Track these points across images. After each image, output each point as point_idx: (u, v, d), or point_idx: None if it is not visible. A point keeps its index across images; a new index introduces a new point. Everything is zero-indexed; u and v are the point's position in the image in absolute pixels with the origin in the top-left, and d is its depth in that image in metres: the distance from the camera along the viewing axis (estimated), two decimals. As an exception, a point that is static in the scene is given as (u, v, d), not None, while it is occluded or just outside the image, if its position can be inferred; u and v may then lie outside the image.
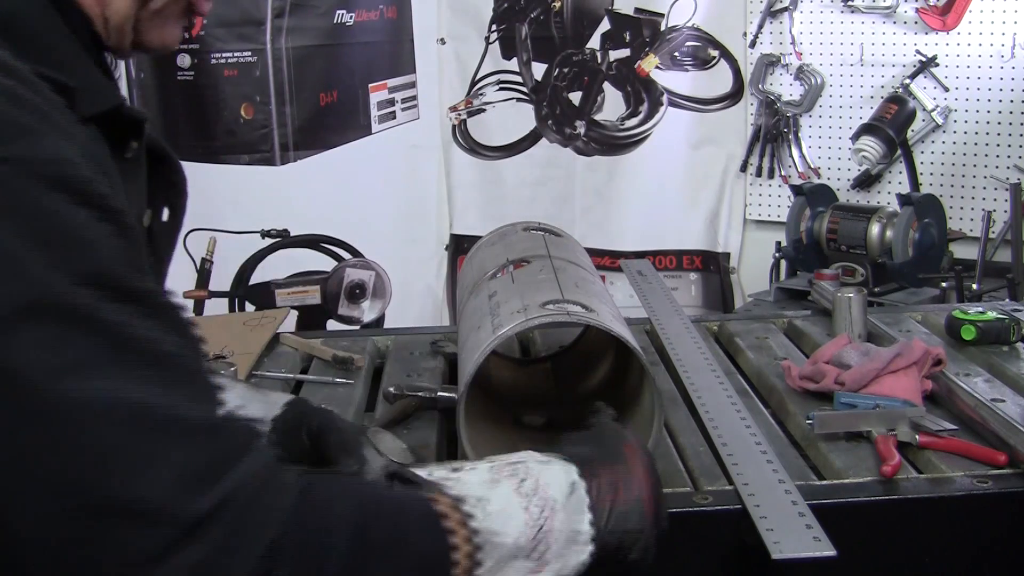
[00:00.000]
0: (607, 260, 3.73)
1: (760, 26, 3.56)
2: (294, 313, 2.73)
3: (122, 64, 3.16)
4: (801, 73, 3.53)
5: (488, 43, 3.83)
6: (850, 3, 3.41)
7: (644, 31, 3.69)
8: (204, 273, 2.97)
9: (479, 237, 1.74)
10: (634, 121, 3.76)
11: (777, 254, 3.33)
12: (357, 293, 2.87)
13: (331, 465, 1.10)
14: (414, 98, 3.83)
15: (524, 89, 3.85)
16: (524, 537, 0.89)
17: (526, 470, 0.94)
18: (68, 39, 0.87)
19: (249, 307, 2.86)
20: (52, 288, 0.69)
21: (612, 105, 3.77)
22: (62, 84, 0.81)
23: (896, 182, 3.42)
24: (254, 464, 0.75)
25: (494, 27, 3.82)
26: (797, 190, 3.28)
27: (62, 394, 0.68)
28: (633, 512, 0.98)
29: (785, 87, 3.58)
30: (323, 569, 0.76)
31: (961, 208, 3.34)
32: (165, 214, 1.03)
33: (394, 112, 3.75)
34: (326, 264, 2.99)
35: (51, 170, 0.72)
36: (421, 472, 0.95)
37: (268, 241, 3.05)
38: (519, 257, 1.47)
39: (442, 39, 3.85)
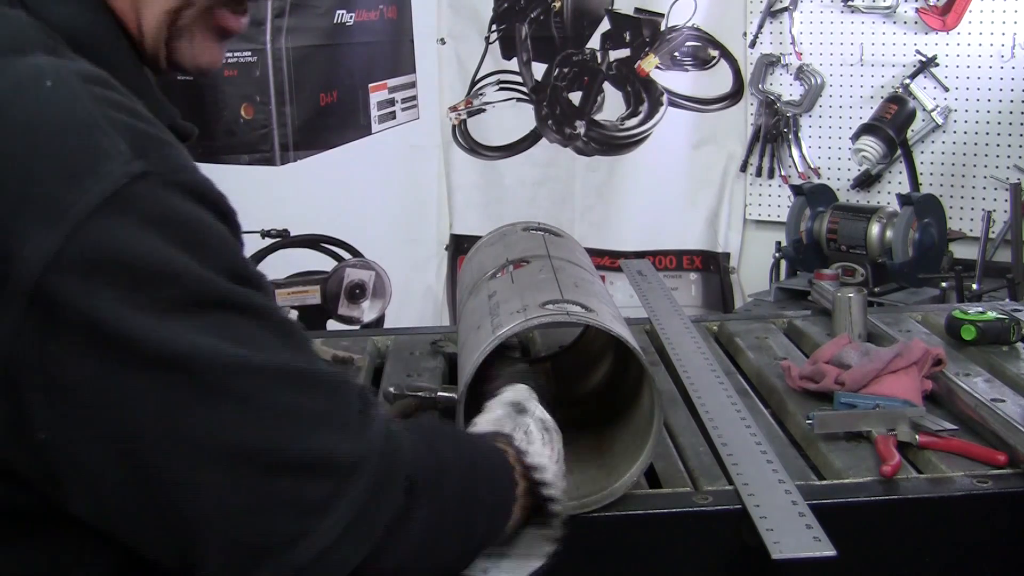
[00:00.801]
0: (607, 260, 3.73)
1: (760, 26, 3.56)
2: (294, 313, 2.72)
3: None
4: (801, 73, 3.53)
5: (488, 43, 3.83)
6: (850, 3, 3.41)
7: (644, 31, 3.69)
8: (204, 273, 2.96)
9: (479, 237, 1.73)
10: (634, 121, 3.76)
11: (777, 254, 3.33)
12: (357, 293, 2.87)
13: None
14: (414, 98, 3.82)
15: (524, 89, 3.85)
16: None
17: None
18: (130, 55, 0.90)
19: (249, 307, 2.86)
20: (207, 284, 0.76)
21: (612, 105, 3.77)
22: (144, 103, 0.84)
23: (896, 182, 3.42)
24: (376, 416, 0.83)
25: (494, 27, 3.82)
26: (797, 190, 3.28)
27: (233, 367, 0.75)
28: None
29: (785, 87, 3.58)
30: (446, 506, 0.87)
31: (961, 208, 3.34)
32: None
33: (394, 112, 3.75)
34: (326, 264, 3.00)
35: (182, 178, 0.78)
36: None
37: (268, 241, 3.05)
38: (519, 257, 1.47)
39: (442, 39, 3.85)
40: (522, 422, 1.07)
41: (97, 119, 0.76)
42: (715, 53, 3.66)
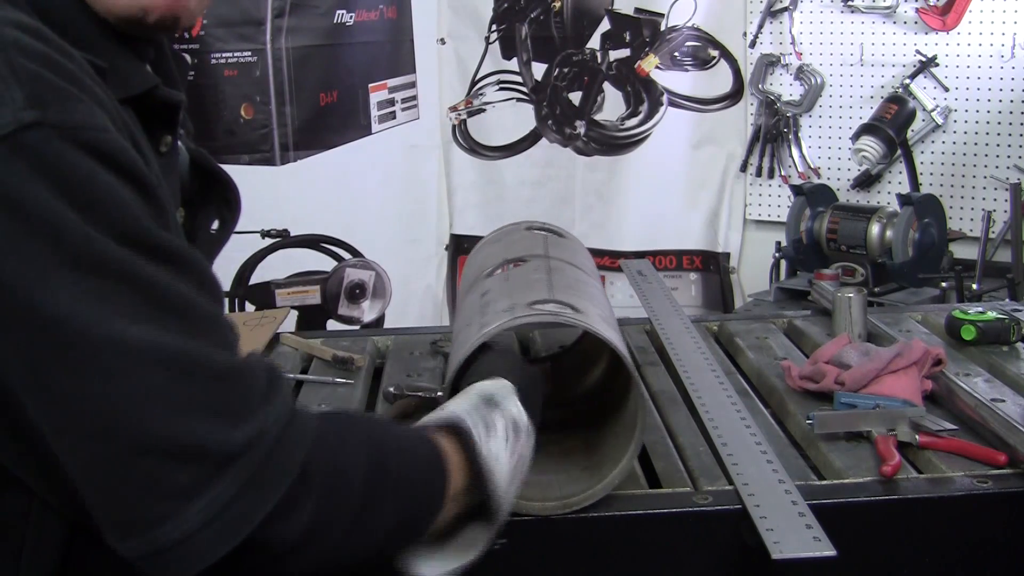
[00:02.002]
0: (607, 260, 3.73)
1: (760, 26, 3.56)
2: (294, 313, 2.73)
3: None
4: (801, 73, 3.53)
5: (488, 43, 3.83)
6: (850, 3, 3.41)
7: (644, 31, 3.69)
8: (204, 273, 2.96)
9: (479, 237, 1.73)
10: (634, 121, 3.76)
11: (777, 254, 3.33)
12: (357, 293, 2.87)
13: None
14: (414, 98, 3.82)
15: (524, 89, 3.85)
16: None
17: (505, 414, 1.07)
18: (98, 25, 0.90)
19: (249, 307, 2.86)
20: (91, 245, 0.74)
21: (612, 105, 3.77)
22: (94, 64, 0.83)
23: (896, 182, 3.42)
24: (278, 404, 0.81)
25: (494, 27, 3.82)
26: (797, 190, 3.28)
27: (105, 341, 0.73)
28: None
29: (785, 87, 3.58)
30: (343, 498, 0.84)
31: (961, 208, 3.34)
32: (215, 225, 1.10)
33: (394, 112, 3.75)
34: (326, 264, 2.99)
35: (85, 136, 0.76)
36: None
37: (268, 241, 3.04)
38: (517, 256, 1.46)
39: (442, 39, 3.85)
40: (488, 416, 1.04)
41: None
42: (715, 53, 3.66)
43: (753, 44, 3.59)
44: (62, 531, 0.85)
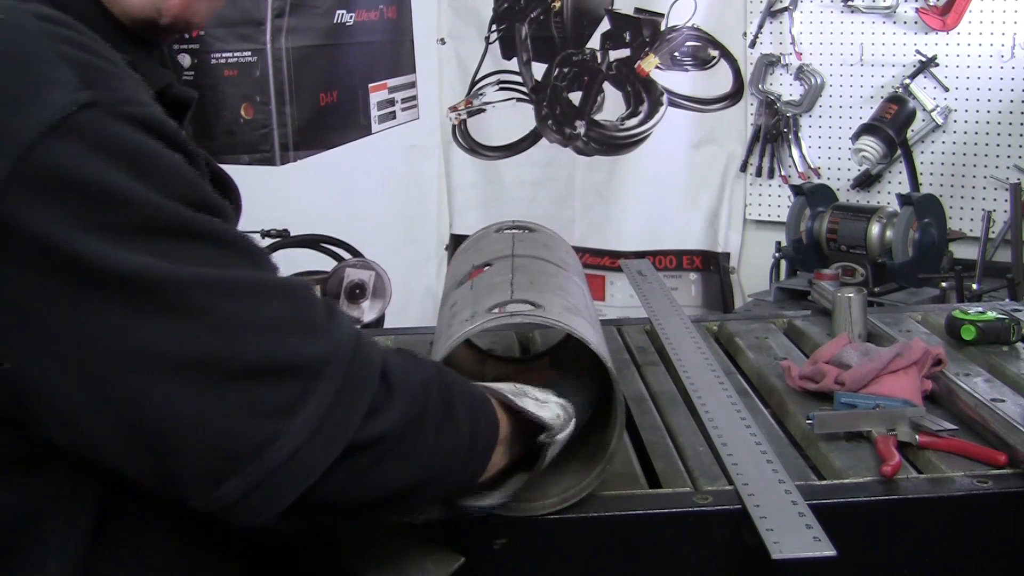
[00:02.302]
0: (607, 260, 3.73)
1: (760, 26, 3.56)
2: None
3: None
4: (801, 73, 3.53)
5: (488, 43, 3.83)
6: (850, 3, 3.41)
7: (644, 31, 3.69)
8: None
9: (479, 237, 1.73)
10: (634, 121, 3.76)
11: (777, 254, 3.33)
12: (357, 293, 2.86)
13: None
14: (414, 98, 3.83)
15: (524, 89, 3.85)
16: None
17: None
18: (115, 26, 0.93)
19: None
20: (159, 210, 0.77)
21: (612, 105, 3.77)
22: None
23: (896, 182, 3.42)
24: (343, 318, 0.86)
25: (494, 27, 3.82)
26: (797, 190, 3.28)
27: (187, 281, 0.77)
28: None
29: (785, 87, 3.58)
30: (424, 398, 0.88)
31: (961, 208, 3.34)
32: None
33: (394, 112, 3.75)
34: (326, 264, 2.99)
35: (133, 110, 0.79)
36: None
37: (268, 241, 3.05)
38: (483, 262, 1.45)
39: (442, 39, 3.85)
40: (532, 394, 1.10)
41: (46, 51, 0.78)
42: (715, 53, 3.66)
43: (753, 44, 3.59)
44: (93, 516, 0.85)
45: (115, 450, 0.80)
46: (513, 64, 3.84)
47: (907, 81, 3.33)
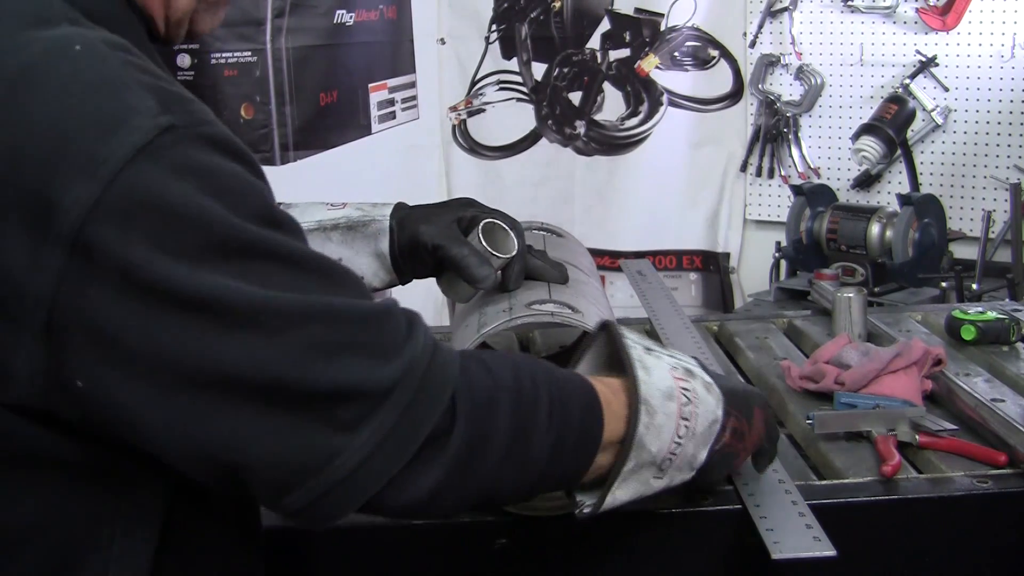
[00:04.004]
0: (607, 260, 3.73)
1: (760, 26, 3.56)
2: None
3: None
4: (801, 73, 3.53)
5: (488, 43, 3.83)
6: (850, 3, 3.41)
7: (644, 31, 3.69)
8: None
9: (479, 237, 1.73)
10: (634, 121, 3.76)
11: (777, 254, 3.33)
12: (357, 293, 2.87)
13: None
14: (414, 98, 3.82)
15: (524, 89, 3.85)
16: (662, 453, 1.01)
17: (694, 391, 1.04)
18: (141, 33, 0.94)
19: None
20: (237, 231, 0.80)
21: (612, 105, 3.77)
22: None
23: (896, 182, 3.42)
24: (420, 339, 0.87)
25: (494, 27, 3.82)
26: (797, 190, 3.28)
27: (261, 306, 0.79)
28: (730, 460, 1.11)
29: (785, 87, 3.58)
30: (493, 424, 0.89)
31: (961, 208, 3.34)
32: None
33: (394, 112, 3.75)
34: (326, 264, 2.99)
35: (207, 131, 0.82)
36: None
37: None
38: None
39: (442, 39, 3.85)
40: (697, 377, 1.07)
41: (125, 79, 0.80)
42: (715, 53, 3.66)
43: (753, 44, 3.59)
44: (154, 525, 0.88)
45: (185, 462, 0.83)
46: (513, 64, 3.84)
47: (907, 81, 3.33)
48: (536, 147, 3.87)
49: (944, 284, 2.94)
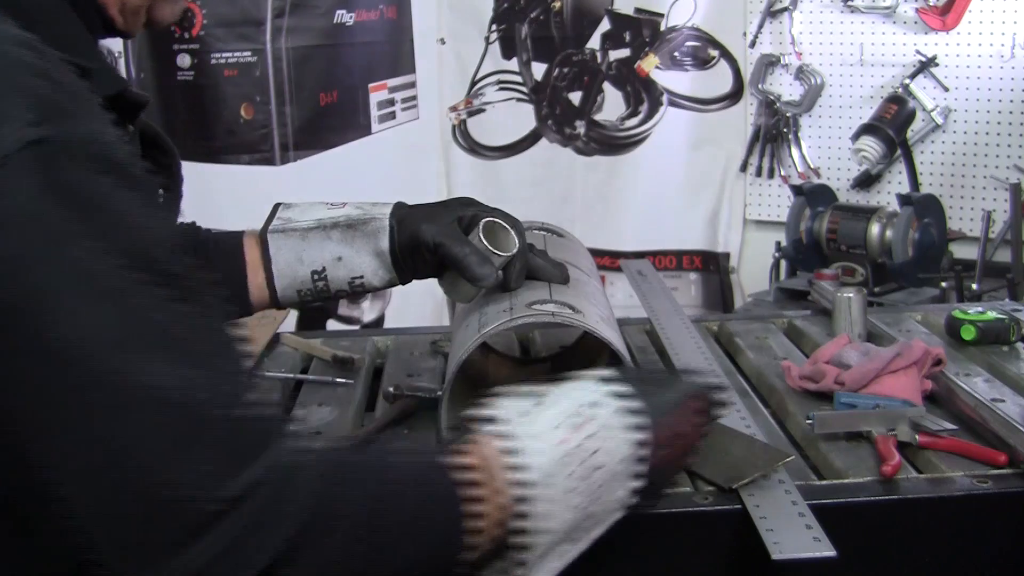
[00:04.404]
0: (607, 260, 3.73)
1: (760, 26, 3.56)
2: (294, 313, 2.72)
3: (121, 62, 3.16)
4: (801, 73, 3.53)
5: (488, 43, 3.83)
6: (850, 3, 3.41)
7: (644, 31, 3.69)
8: (204, 273, 2.96)
9: (479, 237, 1.73)
10: (634, 121, 3.76)
11: (777, 254, 3.34)
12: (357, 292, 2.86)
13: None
14: (414, 98, 3.82)
15: (524, 89, 3.85)
16: (567, 523, 0.91)
17: (593, 435, 0.92)
18: (78, 24, 0.91)
19: (249, 307, 2.85)
20: (97, 264, 0.72)
21: (612, 105, 3.77)
22: (81, 67, 0.83)
23: (896, 182, 3.43)
24: (277, 455, 0.76)
25: (494, 27, 3.82)
26: (797, 190, 3.29)
27: (111, 376, 0.71)
28: (677, 462, 1.03)
29: (785, 87, 3.58)
30: (347, 545, 0.78)
31: (961, 208, 3.34)
32: (160, 195, 1.07)
33: (394, 112, 3.75)
34: (326, 264, 2.99)
35: (90, 149, 0.74)
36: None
37: (268, 241, 3.04)
38: None
39: (442, 39, 3.85)
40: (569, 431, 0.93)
41: (5, 83, 0.74)
42: (715, 53, 3.66)
43: (753, 44, 3.59)
44: None
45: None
46: (513, 64, 3.84)
47: (907, 81, 3.34)
48: (536, 147, 3.87)
49: (944, 284, 2.94)
